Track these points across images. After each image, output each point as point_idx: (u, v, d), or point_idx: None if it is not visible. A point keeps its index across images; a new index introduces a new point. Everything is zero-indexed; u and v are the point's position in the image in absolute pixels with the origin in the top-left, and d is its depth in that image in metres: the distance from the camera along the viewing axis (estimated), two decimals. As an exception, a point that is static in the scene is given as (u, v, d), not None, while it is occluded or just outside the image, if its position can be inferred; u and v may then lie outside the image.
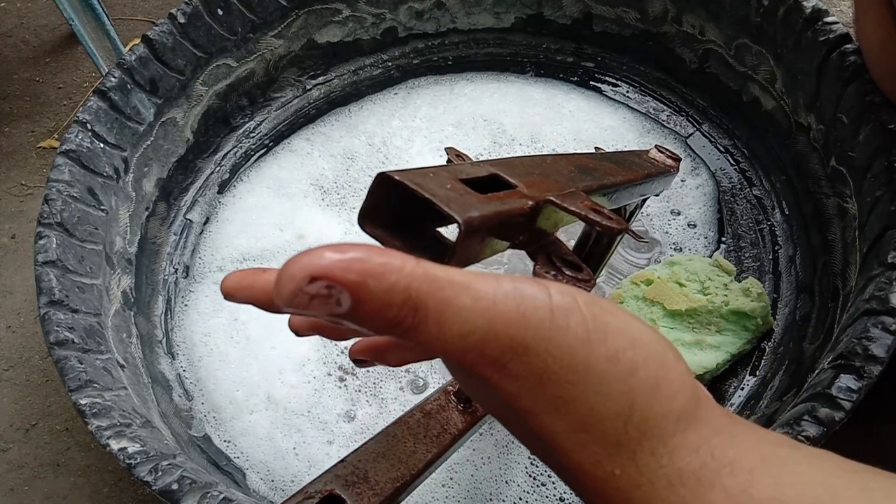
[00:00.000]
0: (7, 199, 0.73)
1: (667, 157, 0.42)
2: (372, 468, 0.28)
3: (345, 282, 0.14)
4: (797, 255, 0.53)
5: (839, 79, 0.49)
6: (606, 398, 0.18)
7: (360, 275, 0.15)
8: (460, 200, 0.20)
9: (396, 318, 0.15)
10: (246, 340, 0.53)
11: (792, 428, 0.35)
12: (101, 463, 0.56)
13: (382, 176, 0.20)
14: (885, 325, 0.37)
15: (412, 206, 0.20)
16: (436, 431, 0.32)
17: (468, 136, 0.62)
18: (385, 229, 0.21)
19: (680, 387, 0.19)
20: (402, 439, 0.30)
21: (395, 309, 0.15)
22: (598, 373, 0.18)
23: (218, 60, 0.61)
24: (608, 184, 0.30)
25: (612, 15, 0.65)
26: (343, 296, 0.15)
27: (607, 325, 0.18)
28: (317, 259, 0.14)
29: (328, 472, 0.28)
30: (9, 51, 0.86)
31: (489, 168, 0.23)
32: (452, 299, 0.16)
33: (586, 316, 0.18)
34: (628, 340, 0.18)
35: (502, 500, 0.46)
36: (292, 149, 0.64)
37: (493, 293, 0.16)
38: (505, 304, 0.16)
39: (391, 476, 0.28)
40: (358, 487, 0.27)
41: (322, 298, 0.14)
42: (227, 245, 0.59)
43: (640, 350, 0.18)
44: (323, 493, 0.27)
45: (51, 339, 0.42)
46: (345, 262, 0.15)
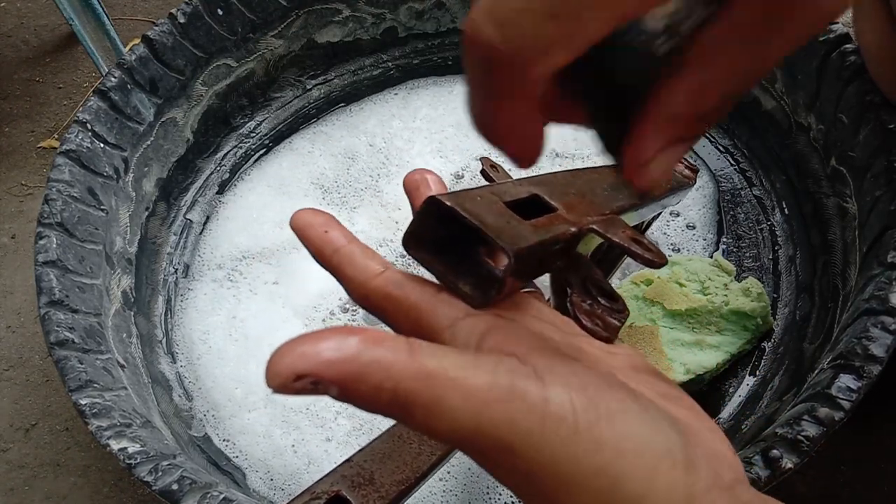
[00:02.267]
0: (7, 199, 0.73)
1: (684, 168, 0.42)
2: (378, 469, 0.28)
3: (331, 381, 0.15)
4: (797, 255, 0.53)
5: (839, 79, 0.49)
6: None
7: (345, 376, 0.15)
8: (509, 229, 0.20)
9: (385, 411, 0.16)
10: (245, 338, 0.53)
11: (791, 428, 0.35)
12: (101, 463, 0.56)
13: (432, 200, 0.20)
14: (884, 324, 0.37)
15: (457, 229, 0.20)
16: None
17: (468, 137, 0.62)
18: (428, 252, 0.21)
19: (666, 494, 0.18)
20: (407, 440, 0.30)
21: (382, 406, 0.16)
22: (580, 485, 0.17)
23: (218, 60, 0.61)
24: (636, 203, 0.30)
25: (612, 15, 0.65)
26: (331, 388, 0.15)
27: (600, 437, 0.17)
28: (303, 358, 0.15)
29: (334, 471, 0.28)
30: (9, 51, 0.86)
31: (529, 188, 0.23)
32: (440, 400, 0.16)
33: (580, 427, 0.17)
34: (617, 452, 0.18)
35: (499, 494, 0.46)
36: (293, 148, 0.64)
37: (486, 392, 0.16)
38: (496, 408, 0.16)
39: (396, 478, 0.28)
40: (364, 489, 0.27)
41: (309, 390, 0.15)
42: (227, 243, 0.59)
43: (630, 460, 0.18)
44: (329, 493, 0.27)
45: (51, 339, 0.42)
46: (331, 362, 0.15)
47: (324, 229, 0.23)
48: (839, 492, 0.50)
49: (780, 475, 0.34)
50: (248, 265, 0.57)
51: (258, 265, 0.57)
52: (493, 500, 0.46)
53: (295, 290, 0.55)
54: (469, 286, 0.21)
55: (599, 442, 0.18)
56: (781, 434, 0.35)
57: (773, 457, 0.34)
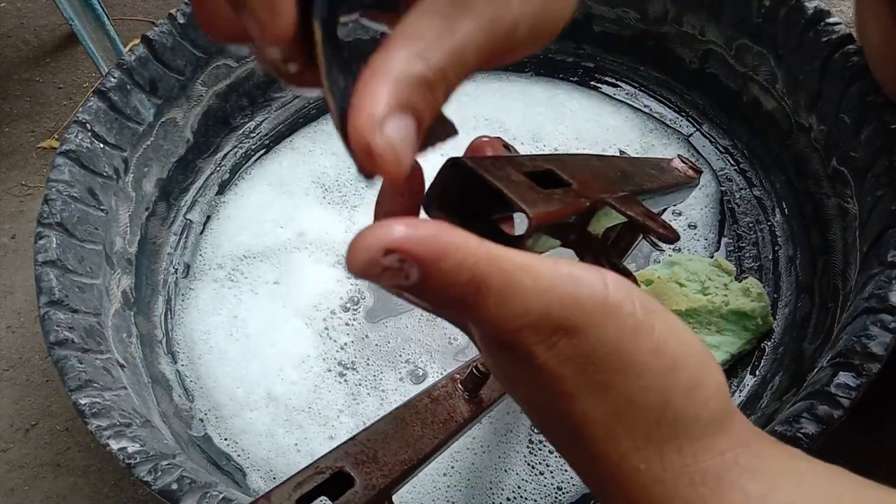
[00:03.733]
0: (7, 199, 0.73)
1: (688, 168, 0.42)
2: (381, 448, 0.29)
3: (416, 257, 0.15)
4: (797, 255, 0.53)
5: (841, 79, 0.49)
6: (645, 390, 0.18)
7: (431, 251, 0.15)
8: (528, 194, 0.20)
9: (459, 295, 0.16)
10: (245, 338, 0.53)
11: (791, 425, 0.35)
12: (101, 463, 0.56)
13: (453, 161, 0.20)
14: (884, 322, 0.37)
15: (477, 195, 0.20)
16: (443, 417, 0.32)
17: (470, 136, 0.62)
18: (448, 215, 0.21)
19: (716, 393, 0.19)
20: (410, 423, 0.31)
21: (460, 287, 0.16)
22: (641, 364, 0.18)
23: (218, 60, 0.61)
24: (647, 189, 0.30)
25: (612, 15, 0.65)
26: (413, 270, 0.15)
27: (656, 321, 0.18)
28: (391, 232, 0.15)
29: (339, 448, 0.28)
30: (9, 51, 0.86)
31: (544, 164, 0.23)
32: (513, 280, 0.16)
33: (637, 308, 0.18)
34: (675, 338, 0.19)
35: (502, 489, 0.46)
36: (294, 146, 0.64)
37: (552, 276, 0.17)
38: (562, 287, 0.17)
39: (399, 458, 0.29)
40: (367, 467, 0.28)
41: (393, 271, 0.15)
42: (227, 242, 0.59)
43: (684, 349, 0.19)
44: (333, 468, 0.27)
45: (51, 339, 0.42)
46: (417, 237, 0.15)
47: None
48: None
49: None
50: (249, 264, 0.57)
51: (259, 264, 0.57)
52: (496, 494, 0.46)
53: (296, 289, 0.55)
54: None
55: (656, 325, 0.18)
56: (781, 432, 0.35)
57: (773, 456, 0.34)
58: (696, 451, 0.19)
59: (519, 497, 0.46)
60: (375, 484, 0.27)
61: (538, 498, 0.46)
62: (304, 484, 0.26)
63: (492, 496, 0.46)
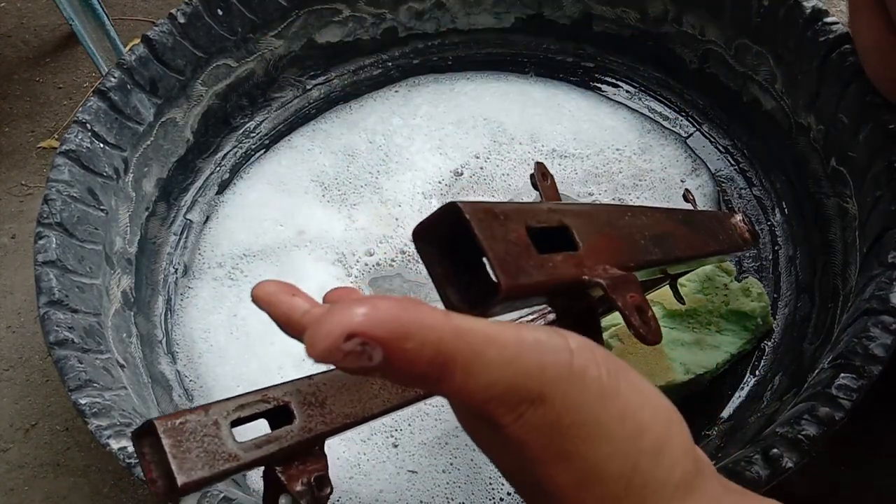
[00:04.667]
0: (7, 199, 0.73)
1: (746, 230, 0.42)
2: (333, 396, 0.29)
3: (378, 339, 0.15)
4: (797, 255, 0.53)
5: (840, 79, 0.49)
6: (611, 458, 0.18)
7: (393, 332, 0.15)
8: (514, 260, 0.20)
9: (425, 373, 0.16)
10: (245, 336, 0.53)
11: (792, 427, 0.35)
12: (101, 463, 0.56)
13: (453, 206, 0.20)
14: (884, 324, 0.37)
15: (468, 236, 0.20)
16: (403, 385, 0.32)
17: (468, 135, 0.62)
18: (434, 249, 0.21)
19: (682, 455, 0.19)
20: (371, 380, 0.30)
21: (424, 365, 0.16)
22: (607, 431, 0.18)
23: (218, 60, 0.61)
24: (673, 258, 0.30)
25: (612, 15, 0.65)
26: (375, 352, 0.15)
27: (621, 384, 0.18)
28: (352, 317, 0.15)
29: (292, 382, 0.28)
30: (9, 51, 0.86)
31: (562, 218, 0.23)
32: (479, 354, 0.16)
33: (602, 373, 0.18)
34: (639, 401, 0.19)
35: (501, 484, 0.46)
36: (293, 145, 0.64)
37: (517, 345, 0.17)
38: (528, 357, 0.17)
39: (346, 411, 0.29)
40: (312, 410, 0.28)
41: (356, 355, 0.15)
42: (227, 241, 0.59)
43: (649, 412, 0.19)
44: (280, 401, 0.27)
45: (50, 339, 0.42)
46: (378, 319, 0.15)
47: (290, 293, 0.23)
48: (839, 492, 0.50)
49: (781, 474, 0.34)
50: (249, 263, 0.57)
51: (259, 263, 0.57)
52: (495, 490, 0.46)
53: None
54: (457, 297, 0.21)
55: (620, 390, 0.18)
56: (782, 433, 0.35)
57: (773, 456, 0.34)
58: None
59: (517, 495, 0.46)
60: (313, 428, 0.27)
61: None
62: (247, 407, 0.27)
63: (491, 492, 0.46)
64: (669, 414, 0.20)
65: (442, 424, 0.48)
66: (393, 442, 0.48)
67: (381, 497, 0.46)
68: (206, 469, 0.24)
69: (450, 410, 0.49)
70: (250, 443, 0.26)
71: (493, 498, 0.46)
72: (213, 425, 0.25)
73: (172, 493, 0.24)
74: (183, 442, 0.24)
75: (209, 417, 0.25)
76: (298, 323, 0.23)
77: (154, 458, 0.24)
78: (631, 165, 0.60)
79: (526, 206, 0.22)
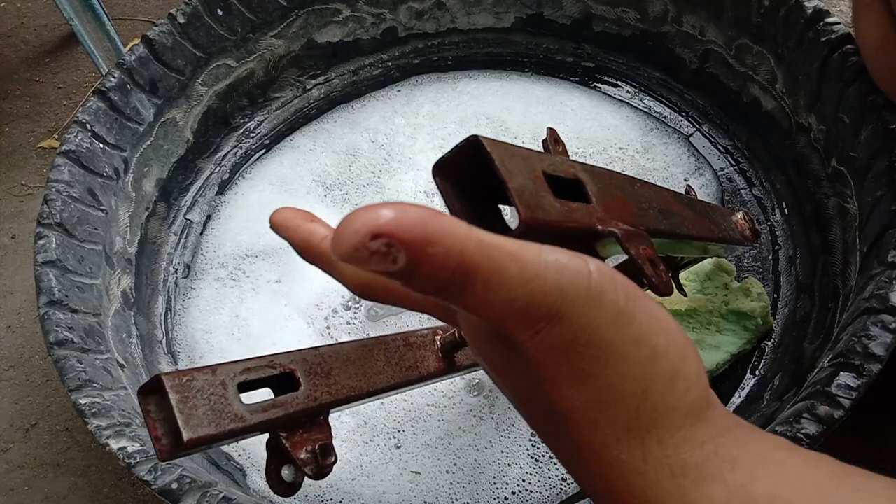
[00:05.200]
0: (7, 199, 0.73)
1: (747, 228, 0.42)
2: (338, 368, 0.29)
3: (404, 241, 0.15)
4: (797, 255, 0.53)
5: (840, 79, 0.49)
6: (624, 379, 0.18)
7: (419, 236, 0.15)
8: (533, 196, 0.20)
9: (447, 281, 0.16)
10: (247, 337, 0.53)
11: (791, 426, 0.35)
12: (101, 463, 0.56)
13: (475, 139, 0.20)
14: (884, 323, 0.37)
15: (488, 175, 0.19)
16: (409, 363, 0.32)
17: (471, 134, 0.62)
18: (453, 186, 0.20)
19: (694, 383, 0.20)
20: (376, 356, 0.31)
21: (448, 272, 0.16)
22: (622, 353, 0.18)
23: (218, 60, 0.61)
24: (680, 234, 0.30)
25: (612, 15, 0.65)
26: (400, 255, 0.15)
27: (637, 310, 0.19)
28: (379, 216, 0.15)
29: (299, 352, 0.28)
30: (9, 51, 0.86)
31: (577, 172, 0.23)
32: (501, 267, 0.16)
33: (620, 297, 0.18)
34: (655, 328, 0.19)
35: (506, 483, 0.46)
36: (295, 145, 0.64)
37: (537, 263, 0.17)
38: (547, 276, 0.17)
39: (350, 384, 0.29)
40: (317, 379, 0.28)
41: (380, 255, 0.15)
42: (229, 241, 0.59)
43: (664, 338, 0.19)
44: (286, 368, 0.27)
45: (50, 339, 0.42)
46: (406, 222, 0.15)
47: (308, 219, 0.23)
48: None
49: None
50: (251, 263, 0.57)
51: (261, 263, 0.57)
52: (500, 489, 0.46)
53: (297, 288, 0.55)
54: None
55: (637, 314, 0.19)
56: (781, 432, 0.35)
57: (773, 456, 0.34)
58: (676, 442, 0.19)
59: (524, 490, 0.46)
60: (318, 397, 0.28)
61: (543, 490, 0.46)
62: (253, 371, 0.27)
63: (496, 491, 0.46)
64: (684, 344, 0.20)
65: (445, 425, 0.48)
66: (395, 443, 0.48)
67: (384, 498, 0.46)
68: (212, 427, 0.24)
69: (452, 411, 0.49)
70: (256, 406, 0.26)
71: (498, 497, 0.46)
72: (220, 385, 0.25)
73: (177, 448, 0.23)
74: (190, 398, 0.24)
75: (216, 377, 0.25)
76: (317, 247, 0.23)
77: (159, 415, 0.24)
78: (634, 164, 0.60)
79: (543, 154, 0.22)
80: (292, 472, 0.27)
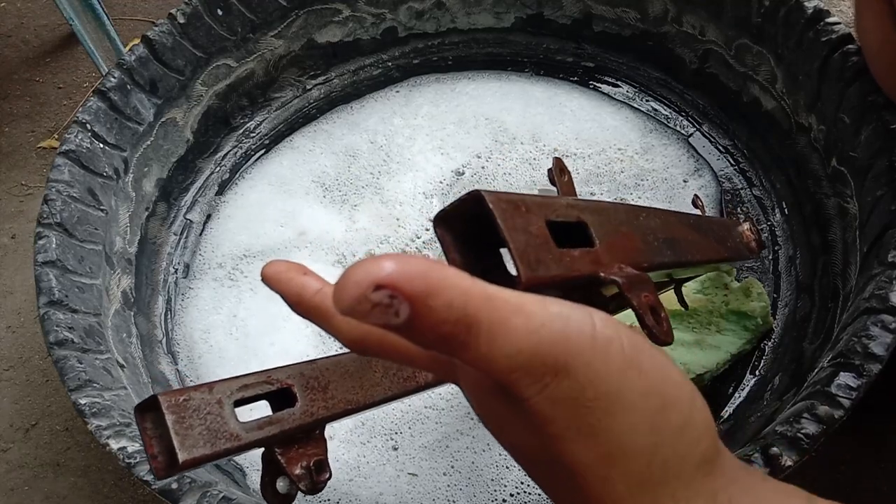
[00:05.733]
0: (7, 199, 0.73)
1: (753, 239, 0.42)
2: (335, 381, 0.29)
3: (406, 292, 0.15)
4: (797, 255, 0.53)
5: (841, 79, 0.49)
6: (635, 432, 0.18)
7: (421, 287, 0.15)
8: (535, 252, 0.20)
9: (449, 334, 0.16)
10: (245, 337, 0.53)
11: (791, 426, 0.35)
12: (101, 463, 0.56)
13: (477, 194, 0.20)
14: (884, 323, 0.37)
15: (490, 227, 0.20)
16: (406, 374, 0.32)
17: (470, 135, 0.62)
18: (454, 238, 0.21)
19: (704, 432, 0.19)
20: (373, 368, 0.31)
21: (450, 325, 0.15)
22: (630, 404, 0.18)
23: (218, 60, 0.61)
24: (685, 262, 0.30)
25: (612, 15, 0.65)
26: (402, 307, 0.15)
27: (644, 360, 0.18)
28: (381, 268, 0.15)
29: (296, 366, 0.28)
30: (9, 51, 0.86)
31: (580, 214, 0.23)
32: (505, 320, 0.16)
33: (626, 347, 0.18)
34: (662, 377, 0.19)
35: (504, 486, 0.46)
36: (294, 146, 0.64)
37: (542, 315, 0.17)
38: (552, 327, 0.17)
39: (348, 398, 0.29)
40: (314, 394, 0.28)
41: (382, 308, 0.15)
42: (228, 241, 0.59)
43: (673, 389, 0.19)
44: (283, 384, 0.27)
45: (50, 339, 0.42)
46: (409, 273, 0.15)
47: (301, 272, 0.23)
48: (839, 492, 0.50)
49: (780, 472, 0.34)
50: (249, 264, 0.57)
51: (259, 264, 0.57)
52: (498, 491, 0.46)
53: (295, 289, 0.55)
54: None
55: (644, 365, 0.18)
56: (781, 432, 0.35)
57: (772, 454, 0.34)
58: (689, 496, 0.19)
59: (522, 492, 0.46)
60: (314, 412, 0.28)
61: (541, 493, 0.46)
62: (250, 388, 0.27)
63: (494, 493, 0.46)
64: (692, 392, 0.19)
65: (442, 427, 0.48)
66: (393, 445, 0.48)
67: (381, 500, 0.46)
68: (207, 447, 0.24)
69: (450, 413, 0.49)
70: (252, 423, 0.26)
71: (496, 500, 0.46)
72: (216, 404, 0.25)
73: (172, 468, 0.24)
74: (186, 419, 0.24)
75: (213, 396, 0.25)
76: (310, 301, 0.23)
77: (155, 433, 0.24)
78: (633, 165, 0.60)
79: (546, 200, 0.22)
80: (287, 484, 0.27)
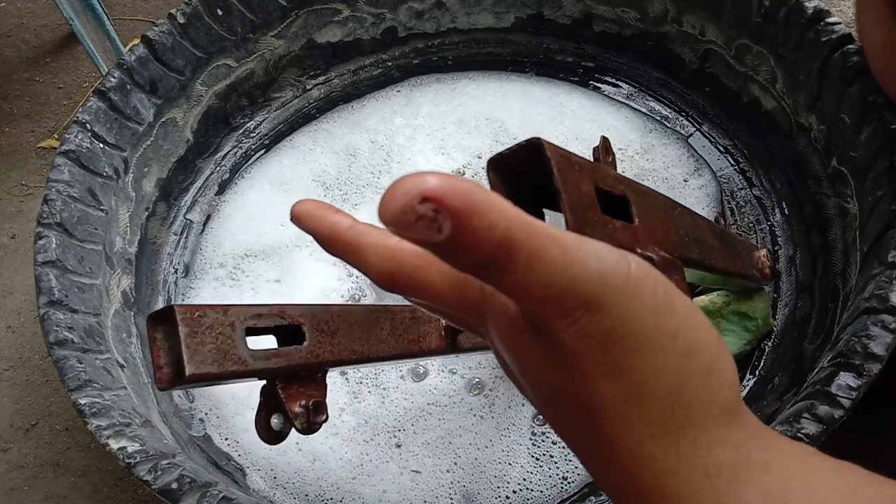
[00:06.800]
0: (7, 199, 0.73)
1: (766, 266, 0.42)
2: (344, 329, 0.29)
3: (452, 209, 0.15)
4: (797, 255, 0.53)
5: (841, 79, 0.49)
6: (661, 373, 0.18)
7: (467, 204, 0.15)
8: (583, 210, 0.20)
9: (489, 256, 0.15)
10: (246, 340, 0.53)
11: (791, 425, 0.35)
12: (101, 463, 0.56)
13: (537, 140, 0.20)
14: (884, 323, 0.37)
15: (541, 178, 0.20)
16: (412, 336, 0.33)
17: (470, 135, 0.62)
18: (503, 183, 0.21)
19: (729, 381, 0.19)
20: (381, 325, 0.31)
21: (491, 247, 0.15)
22: (659, 346, 0.18)
23: (218, 60, 0.61)
24: (708, 265, 0.30)
25: (612, 15, 0.65)
26: (445, 223, 0.15)
27: (675, 304, 0.18)
28: (430, 180, 0.14)
29: (309, 306, 0.29)
30: (9, 51, 0.86)
31: (625, 189, 0.23)
32: (544, 248, 0.16)
33: (658, 290, 0.18)
34: (692, 323, 0.19)
35: (507, 482, 0.46)
36: (294, 145, 0.64)
37: (579, 249, 0.17)
38: (588, 262, 0.17)
39: (353, 347, 0.29)
40: (322, 336, 0.28)
41: (426, 221, 0.15)
42: (228, 241, 0.59)
43: (701, 334, 0.19)
44: (294, 321, 0.28)
45: (50, 339, 0.42)
46: (455, 190, 0.15)
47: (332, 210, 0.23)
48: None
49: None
50: (251, 263, 0.57)
51: (260, 263, 0.57)
52: (501, 487, 0.46)
53: (297, 287, 0.55)
54: None
55: (675, 309, 0.18)
56: (781, 432, 0.35)
57: (773, 456, 0.34)
58: (710, 442, 0.19)
59: (525, 489, 0.46)
60: (320, 354, 0.28)
61: (544, 489, 0.46)
62: (263, 318, 0.27)
63: (497, 490, 0.46)
64: (719, 340, 0.19)
65: (445, 424, 0.48)
66: (396, 442, 0.48)
67: (384, 497, 0.46)
68: (214, 366, 0.24)
69: (453, 410, 0.49)
70: (260, 352, 0.26)
71: (499, 496, 0.46)
72: (228, 326, 0.25)
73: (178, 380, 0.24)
74: (198, 334, 0.24)
75: (227, 318, 0.26)
76: (342, 236, 0.23)
77: (164, 344, 0.24)
78: (633, 165, 0.60)
79: (597, 166, 0.22)
80: (281, 421, 0.28)
